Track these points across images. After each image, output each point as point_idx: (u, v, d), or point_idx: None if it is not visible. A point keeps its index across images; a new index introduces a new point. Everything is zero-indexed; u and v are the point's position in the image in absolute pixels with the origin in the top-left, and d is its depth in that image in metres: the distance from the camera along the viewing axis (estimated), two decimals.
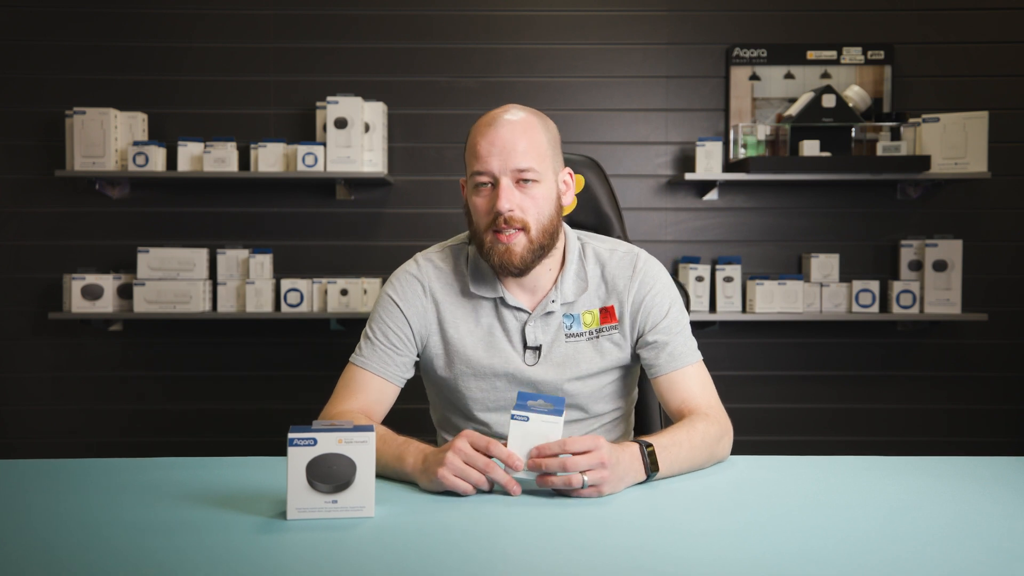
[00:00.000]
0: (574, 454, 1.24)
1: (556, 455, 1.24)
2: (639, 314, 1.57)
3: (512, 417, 1.27)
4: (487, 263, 1.53)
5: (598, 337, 1.58)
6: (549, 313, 1.57)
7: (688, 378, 1.55)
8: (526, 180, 1.48)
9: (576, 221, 1.91)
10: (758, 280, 3.17)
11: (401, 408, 1.63)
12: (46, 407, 3.34)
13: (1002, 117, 3.26)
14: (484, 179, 1.49)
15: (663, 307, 1.58)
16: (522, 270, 1.51)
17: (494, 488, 1.28)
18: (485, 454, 1.25)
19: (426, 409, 1.73)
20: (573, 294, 1.57)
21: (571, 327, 1.57)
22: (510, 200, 1.47)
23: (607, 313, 1.58)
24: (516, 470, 1.25)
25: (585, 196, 1.94)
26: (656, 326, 1.56)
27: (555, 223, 1.53)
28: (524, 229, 1.48)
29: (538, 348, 1.56)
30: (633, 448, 1.33)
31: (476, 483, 1.25)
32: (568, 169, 1.59)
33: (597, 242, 1.63)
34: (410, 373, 1.61)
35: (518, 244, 1.48)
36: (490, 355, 1.56)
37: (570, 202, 1.59)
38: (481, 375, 1.57)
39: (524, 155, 1.47)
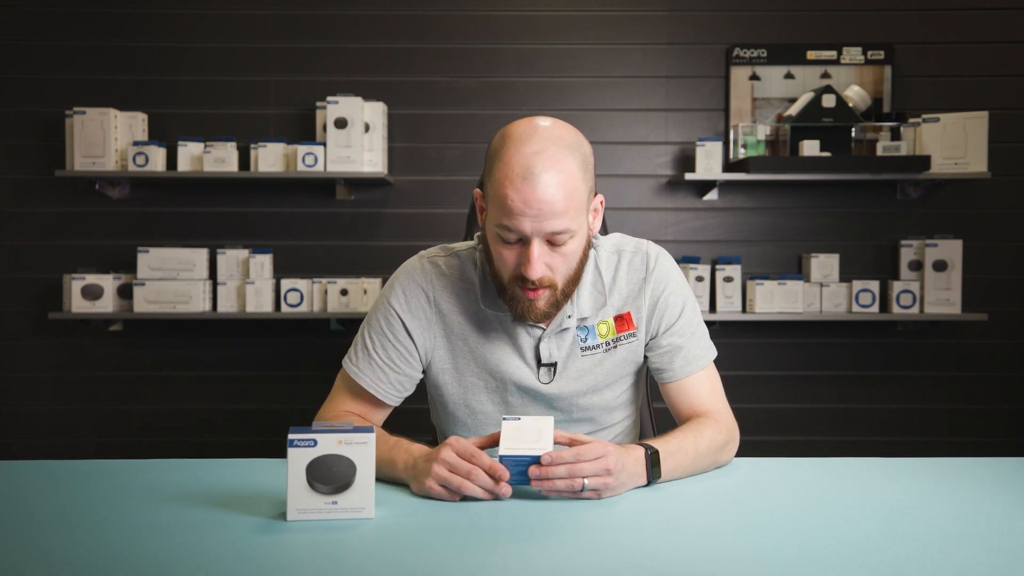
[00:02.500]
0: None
1: (567, 463, 1.22)
2: (654, 315, 1.52)
3: (504, 419, 1.28)
4: (504, 303, 1.45)
5: (615, 347, 1.52)
6: (564, 329, 1.50)
7: (699, 384, 1.52)
8: (559, 238, 1.35)
9: None
10: (758, 280, 3.17)
11: (401, 408, 1.63)
12: (46, 407, 3.34)
13: (1002, 117, 3.26)
14: (512, 237, 1.35)
15: (677, 307, 1.52)
16: (541, 321, 1.45)
17: (495, 497, 1.25)
18: (469, 460, 1.23)
19: (426, 409, 1.72)
20: (590, 309, 1.50)
21: (586, 339, 1.51)
22: (541, 263, 1.35)
23: (623, 321, 1.51)
24: (502, 479, 1.21)
25: None
26: (670, 328, 1.51)
27: (582, 266, 1.43)
28: (551, 286, 1.39)
29: (553, 365, 1.51)
30: (638, 453, 1.31)
31: (459, 488, 1.22)
32: (600, 197, 1.46)
33: (605, 242, 1.56)
34: (408, 391, 1.54)
35: (542, 300, 1.39)
36: (503, 370, 1.50)
37: (597, 229, 1.47)
38: (494, 389, 1.52)
39: (561, 216, 1.32)
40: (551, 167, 1.32)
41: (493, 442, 1.32)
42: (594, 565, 0.99)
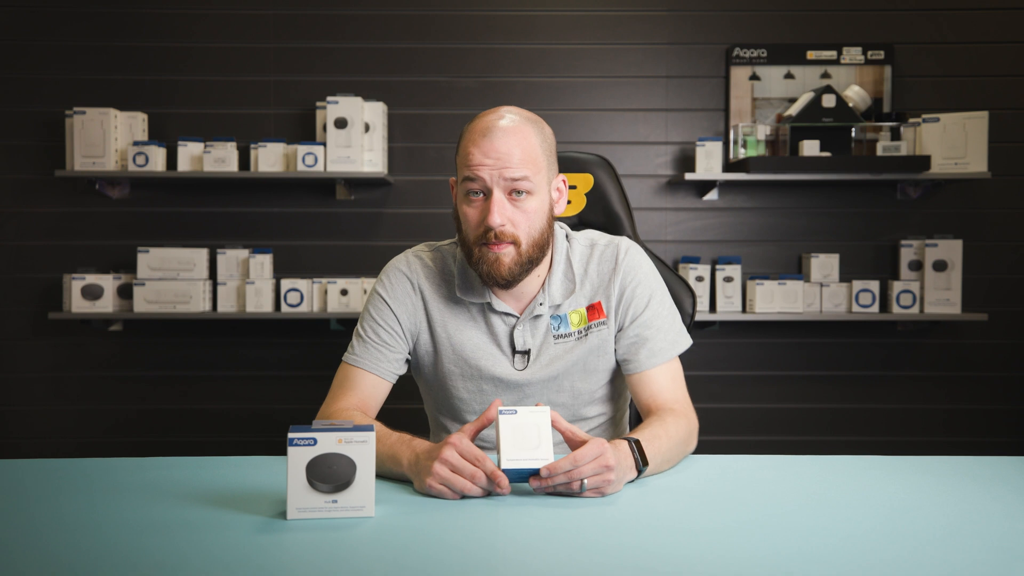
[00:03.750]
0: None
1: (565, 471, 1.22)
2: (621, 305, 1.57)
3: (500, 413, 1.26)
4: (475, 272, 1.52)
5: (587, 335, 1.56)
6: (537, 316, 1.56)
7: (661, 375, 1.55)
8: (519, 192, 1.45)
9: (586, 220, 1.91)
10: (758, 280, 3.17)
11: (401, 408, 1.63)
12: (46, 407, 3.34)
13: (1002, 117, 3.26)
14: (475, 187, 1.46)
15: (643, 299, 1.57)
16: (509, 282, 1.49)
17: (490, 494, 1.26)
18: (473, 463, 1.24)
19: (424, 408, 1.73)
20: (561, 296, 1.56)
21: (559, 328, 1.56)
22: (502, 214, 1.44)
23: (594, 310, 1.57)
24: (502, 485, 1.22)
25: (595, 195, 1.93)
26: (636, 319, 1.56)
27: (546, 235, 1.51)
28: (514, 243, 1.46)
29: (527, 352, 1.56)
30: (623, 446, 1.32)
31: (462, 490, 1.23)
32: (562, 176, 1.56)
33: (580, 237, 1.62)
34: (402, 370, 1.60)
35: (507, 257, 1.46)
36: (477, 358, 1.56)
37: (562, 210, 1.56)
38: (469, 377, 1.57)
39: (519, 165, 1.44)
40: (509, 128, 1.46)
41: (488, 421, 1.30)
42: (594, 565, 0.99)
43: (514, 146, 1.45)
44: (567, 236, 1.61)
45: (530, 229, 1.47)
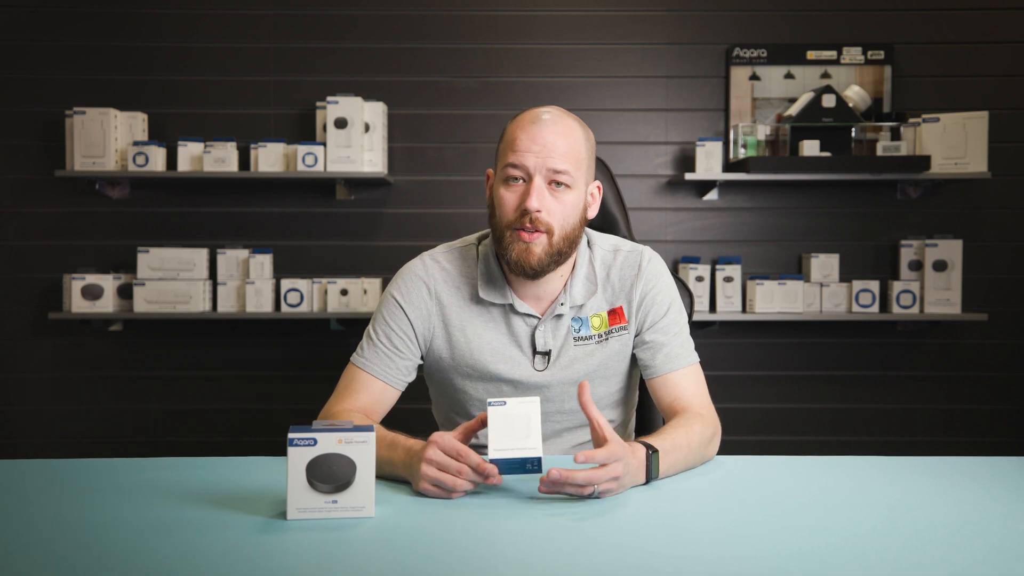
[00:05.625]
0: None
1: (578, 484, 1.21)
2: (640, 310, 1.58)
3: (489, 404, 1.25)
4: (502, 259, 1.52)
5: (607, 340, 1.57)
6: (558, 316, 1.56)
7: (682, 379, 1.57)
8: (559, 183, 1.48)
9: None
10: (758, 280, 3.17)
11: (401, 408, 1.63)
12: (46, 407, 3.34)
13: (1002, 117, 3.26)
14: (517, 173, 1.48)
15: (663, 306, 1.58)
16: (537, 272, 1.50)
17: (478, 486, 1.26)
18: (456, 458, 1.23)
19: (427, 409, 1.73)
20: (583, 297, 1.57)
21: (580, 330, 1.57)
22: (540, 200, 1.46)
23: (616, 315, 1.58)
24: (491, 475, 1.22)
25: None
26: (655, 325, 1.57)
27: (577, 232, 1.52)
28: (547, 232, 1.48)
29: (547, 353, 1.56)
30: (641, 455, 1.32)
31: (452, 487, 1.23)
32: (597, 183, 1.59)
33: (603, 241, 1.63)
34: (411, 376, 1.59)
35: (538, 245, 1.47)
36: (497, 360, 1.55)
37: (593, 215, 1.59)
38: (487, 379, 1.56)
39: (563, 158, 1.47)
40: (558, 120, 1.50)
41: (480, 423, 1.30)
42: (594, 565, 0.99)
43: (560, 137, 1.48)
44: (589, 242, 1.62)
45: (564, 222, 1.49)
